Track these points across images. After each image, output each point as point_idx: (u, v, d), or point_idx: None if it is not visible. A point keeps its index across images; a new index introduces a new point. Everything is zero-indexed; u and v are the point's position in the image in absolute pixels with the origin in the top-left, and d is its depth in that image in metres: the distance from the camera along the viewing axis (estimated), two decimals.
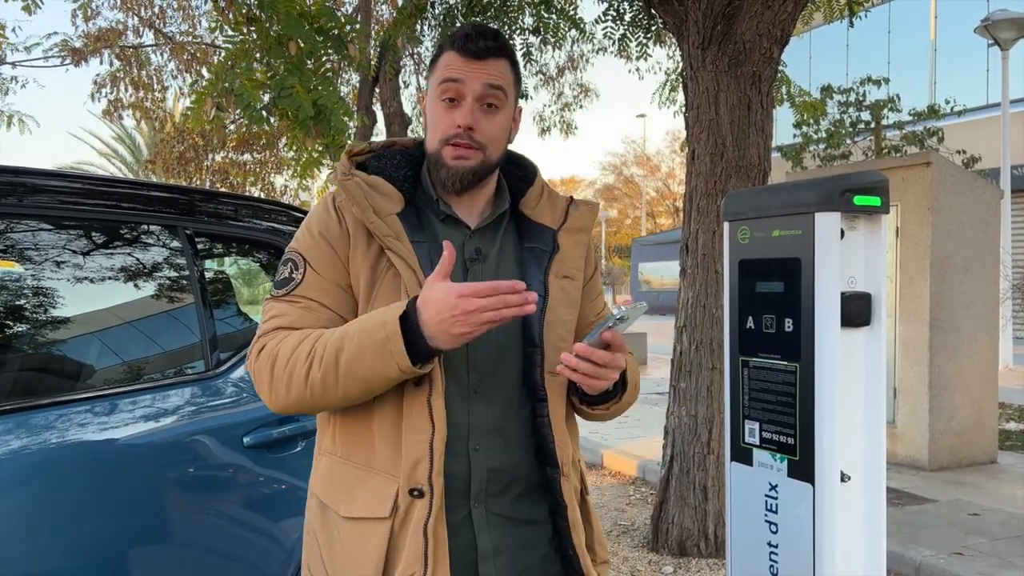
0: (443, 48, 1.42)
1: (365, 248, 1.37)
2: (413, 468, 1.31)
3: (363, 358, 1.26)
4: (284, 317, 1.37)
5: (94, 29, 9.43)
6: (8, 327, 1.99)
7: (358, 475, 1.37)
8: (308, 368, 1.29)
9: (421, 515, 1.30)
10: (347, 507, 1.36)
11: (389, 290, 1.35)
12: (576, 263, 1.49)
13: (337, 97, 4.42)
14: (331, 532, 1.39)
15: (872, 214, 2.04)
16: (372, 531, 1.33)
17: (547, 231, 1.48)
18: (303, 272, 1.38)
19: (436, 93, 1.40)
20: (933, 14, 19.27)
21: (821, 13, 7.45)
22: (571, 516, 1.43)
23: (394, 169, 1.45)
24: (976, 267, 5.89)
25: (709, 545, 4.00)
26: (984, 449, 5.96)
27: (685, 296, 4.11)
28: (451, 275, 1.33)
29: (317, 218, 1.41)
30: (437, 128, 1.40)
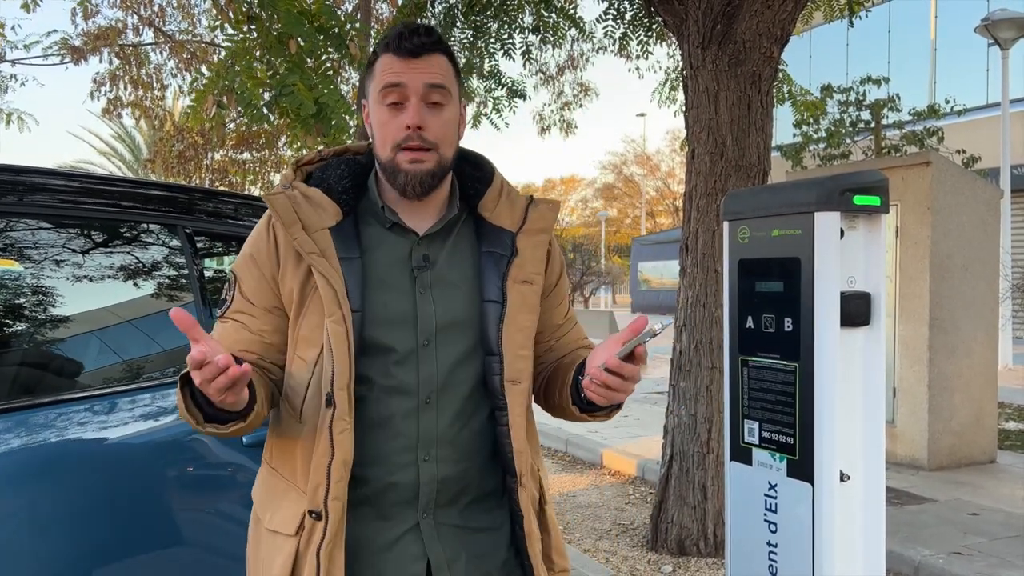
0: (377, 52, 1.38)
1: (295, 266, 1.35)
2: (315, 490, 1.30)
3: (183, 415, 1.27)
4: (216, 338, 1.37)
5: (94, 27, 9.43)
6: (8, 325, 1.99)
7: (283, 488, 1.38)
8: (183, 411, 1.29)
9: (317, 538, 1.30)
10: (269, 518, 1.38)
11: (317, 310, 1.33)
12: (536, 267, 1.44)
13: (338, 95, 4.41)
14: (256, 539, 1.42)
15: (872, 214, 2.05)
16: (282, 546, 1.34)
17: (505, 234, 1.43)
18: (233, 293, 1.40)
19: (378, 99, 1.36)
20: (933, 13, 19.26)
21: (821, 12, 7.45)
22: (527, 527, 1.41)
23: (335, 180, 1.41)
24: (976, 267, 5.89)
25: (708, 544, 4.00)
26: (983, 449, 5.96)
27: (685, 295, 4.11)
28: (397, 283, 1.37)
29: (252, 238, 1.41)
30: (386, 135, 1.35)
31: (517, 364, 1.38)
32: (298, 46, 4.23)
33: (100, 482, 1.90)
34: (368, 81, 1.40)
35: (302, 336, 1.35)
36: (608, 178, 43.20)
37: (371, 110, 1.39)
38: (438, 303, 1.38)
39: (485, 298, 1.40)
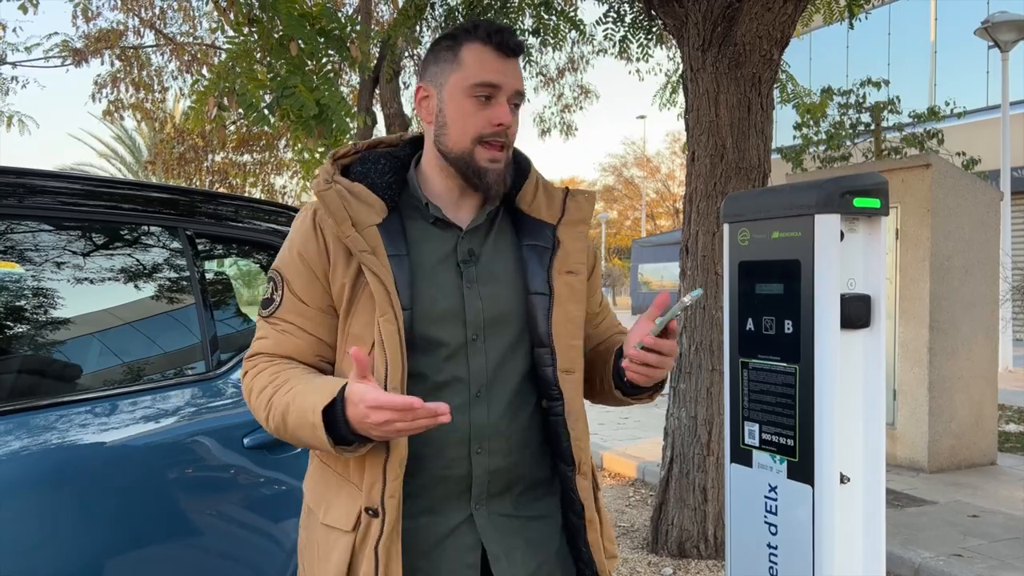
0: (462, 40, 1.36)
1: (345, 264, 1.35)
2: (371, 488, 1.31)
3: (301, 431, 1.27)
4: (265, 341, 1.39)
5: (95, 30, 9.44)
6: (8, 328, 1.99)
7: (337, 483, 1.38)
8: (266, 417, 1.33)
9: (375, 534, 1.30)
10: (324, 513, 1.38)
11: (367, 308, 1.33)
12: (579, 257, 1.44)
13: (340, 97, 4.42)
14: (311, 533, 1.42)
15: (872, 216, 2.05)
16: (339, 541, 1.34)
17: (546, 227, 1.44)
18: (282, 294, 1.38)
19: (467, 90, 1.34)
20: (933, 16, 19.27)
21: (821, 15, 7.45)
22: (588, 515, 1.43)
23: (378, 175, 1.39)
24: (976, 269, 5.89)
25: (709, 546, 4.00)
26: (983, 451, 5.96)
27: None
28: (445, 278, 1.37)
29: (299, 236, 1.39)
30: (469, 126, 1.34)
31: (570, 354, 1.40)
32: (299, 48, 4.24)
33: (100, 485, 1.90)
34: (445, 67, 1.37)
35: (353, 334, 1.35)
36: (608, 180, 43.23)
37: (447, 98, 1.36)
38: (484, 297, 1.39)
39: (531, 290, 1.41)
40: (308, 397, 1.26)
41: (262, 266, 2.72)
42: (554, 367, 1.39)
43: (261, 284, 6.00)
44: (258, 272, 2.88)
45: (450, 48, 1.37)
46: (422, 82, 1.41)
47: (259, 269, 2.79)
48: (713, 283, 3.99)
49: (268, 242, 2.51)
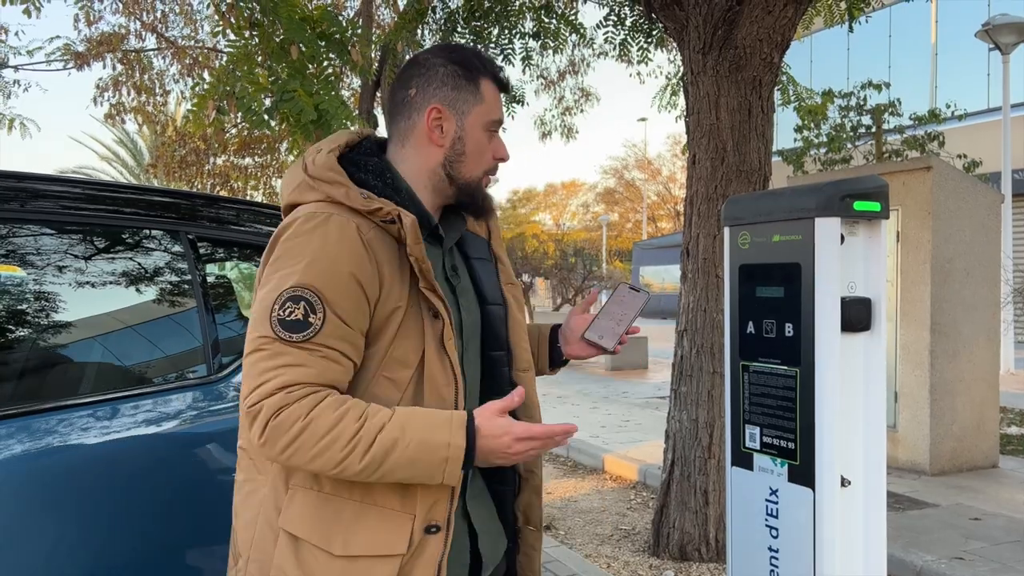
0: (478, 73, 1.41)
1: (400, 288, 1.30)
2: (431, 506, 1.29)
3: (415, 467, 1.23)
4: (302, 369, 1.23)
5: (96, 33, 9.46)
6: (11, 331, 2.00)
7: (354, 511, 1.29)
8: (346, 456, 1.21)
9: (435, 551, 1.29)
10: (344, 545, 1.28)
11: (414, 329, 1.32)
12: (510, 270, 1.59)
13: (339, 101, 4.42)
14: (313, 570, 1.28)
15: (872, 219, 2.05)
16: (377, 568, 1.27)
17: (481, 241, 1.54)
18: (323, 317, 1.24)
19: (485, 125, 1.42)
20: (934, 18, 19.29)
21: (821, 18, 7.46)
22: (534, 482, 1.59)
23: (394, 192, 1.36)
24: (977, 271, 5.89)
25: (710, 549, 4.00)
26: (985, 453, 5.95)
27: (686, 300, 4.12)
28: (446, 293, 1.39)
29: (346, 254, 1.26)
30: (482, 160, 1.43)
31: (524, 355, 1.52)
32: (299, 52, 4.24)
33: (101, 489, 1.91)
34: (465, 97, 1.40)
35: (396, 357, 1.30)
36: (609, 182, 43.24)
37: (469, 129, 1.41)
38: (467, 310, 1.45)
39: (490, 301, 1.49)
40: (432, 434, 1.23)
41: None
42: (510, 368, 1.50)
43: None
44: None
45: (467, 79, 1.40)
46: (437, 104, 1.39)
47: None
48: (714, 286, 3.99)
49: None
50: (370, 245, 1.28)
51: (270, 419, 1.21)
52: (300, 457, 1.22)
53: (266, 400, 1.21)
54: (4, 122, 8.67)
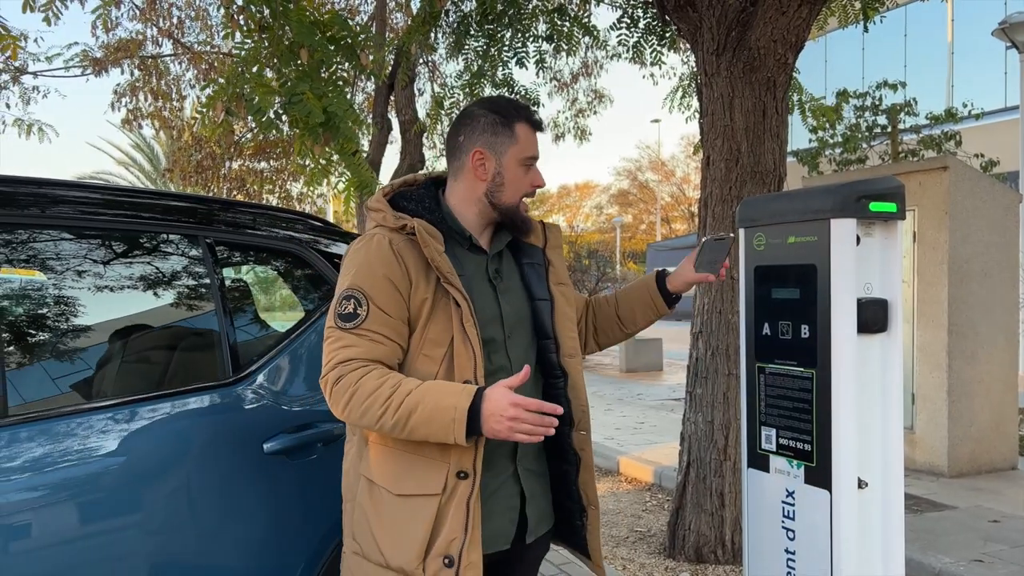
0: (515, 118, 1.79)
1: (426, 283, 1.68)
2: (461, 455, 1.63)
3: (430, 425, 1.57)
4: (355, 348, 1.64)
5: (114, 40, 9.54)
6: (31, 335, 2.02)
7: (410, 460, 1.68)
8: (382, 413, 1.59)
9: (464, 492, 1.64)
10: (399, 486, 1.67)
11: (444, 316, 1.68)
12: (564, 273, 1.92)
13: (347, 104, 4.42)
14: (380, 506, 1.69)
15: (888, 220, 2.04)
16: (423, 505, 1.64)
17: (536, 250, 1.90)
18: (367, 309, 1.65)
19: (521, 161, 1.79)
20: (950, 17, 19.14)
21: (836, 18, 7.42)
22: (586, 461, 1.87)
23: (428, 212, 1.78)
24: (995, 271, 5.84)
25: (726, 552, 3.99)
26: (1004, 455, 5.90)
27: (701, 302, 4.11)
28: (486, 291, 1.77)
29: (379, 261, 1.68)
30: (520, 188, 1.81)
31: (571, 343, 1.86)
32: (309, 56, 4.25)
33: (120, 490, 1.93)
34: (502, 140, 1.79)
35: (430, 338, 1.68)
36: (623, 184, 43.16)
37: (507, 166, 1.79)
38: (510, 304, 1.81)
39: (536, 297, 1.85)
40: (443, 398, 1.57)
41: (280, 273, 2.74)
42: (558, 353, 1.84)
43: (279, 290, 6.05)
44: (275, 279, 2.90)
45: (504, 124, 1.79)
46: (479, 147, 1.79)
47: (276, 276, 2.81)
48: (729, 288, 3.98)
49: (286, 249, 2.54)
50: (400, 253, 1.68)
51: (333, 386, 1.63)
52: (353, 414, 1.62)
53: (330, 372, 1.64)
54: (24, 128, 8.75)
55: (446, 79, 10.32)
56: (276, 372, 2.31)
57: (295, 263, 2.59)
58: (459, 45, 6.52)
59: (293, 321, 2.48)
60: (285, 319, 3.44)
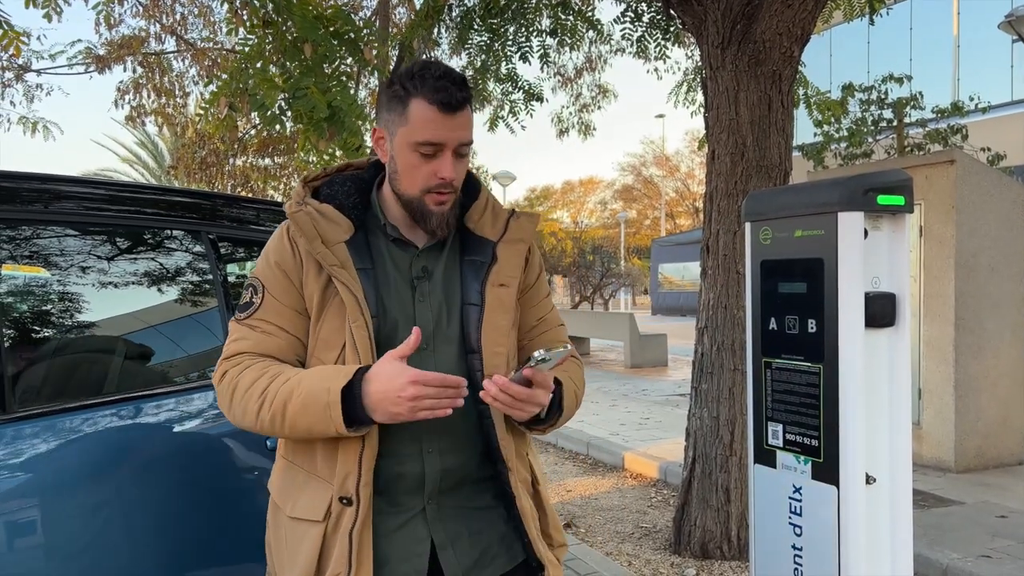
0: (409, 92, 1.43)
1: (316, 274, 1.47)
2: (344, 479, 1.42)
3: (306, 414, 1.37)
4: (244, 341, 1.48)
5: (117, 37, 9.54)
6: (35, 332, 2.02)
7: (304, 478, 1.49)
8: (259, 407, 1.40)
9: (348, 522, 1.41)
10: (292, 507, 1.49)
11: (336, 314, 1.46)
12: (512, 271, 1.55)
13: (351, 99, 4.42)
14: (278, 529, 1.52)
15: (896, 213, 2.02)
16: (308, 532, 1.44)
17: (487, 243, 1.56)
18: (261, 297, 1.49)
19: (410, 146, 1.45)
20: (955, 10, 19.05)
21: (841, 11, 7.38)
22: (520, 504, 1.52)
23: (344, 196, 1.54)
24: (1002, 266, 5.81)
25: (732, 547, 3.98)
26: (1011, 450, 5.87)
27: (706, 297, 4.09)
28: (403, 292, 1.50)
29: (274, 248, 1.52)
30: (416, 179, 1.47)
31: (494, 360, 1.50)
32: (313, 51, 4.24)
33: (124, 487, 1.92)
34: (395, 118, 1.47)
35: (321, 339, 1.47)
36: (627, 179, 43.10)
37: (397, 149, 1.47)
38: (433, 310, 1.51)
39: (466, 301, 1.53)
40: (318, 382, 1.37)
41: None
42: (481, 372, 1.49)
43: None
44: None
45: (400, 99, 1.45)
46: (377, 124, 1.52)
47: None
48: (735, 282, 3.96)
49: None
50: (295, 241, 1.50)
51: (219, 384, 1.47)
52: (236, 413, 1.45)
53: (218, 370, 1.49)
54: (27, 125, 8.76)
55: None
56: None
57: None
58: (462, 40, 6.50)
59: None
60: None
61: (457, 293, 1.54)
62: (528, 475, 1.58)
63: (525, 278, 1.61)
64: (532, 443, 1.66)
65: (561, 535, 1.63)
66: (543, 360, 1.35)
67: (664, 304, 30.04)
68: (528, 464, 1.59)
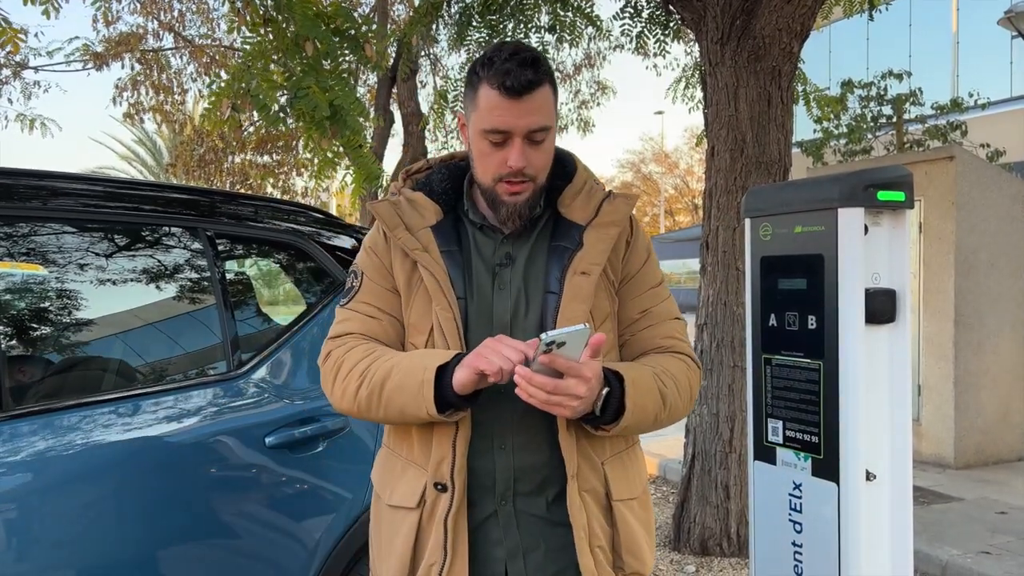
0: (480, 77, 1.37)
1: (402, 260, 1.48)
2: (439, 464, 1.39)
3: (402, 393, 1.34)
4: (348, 323, 1.49)
5: (115, 34, 9.53)
6: (33, 329, 2.01)
7: (402, 466, 1.47)
8: (359, 386, 1.39)
9: (443, 508, 1.38)
10: (390, 495, 1.48)
11: (422, 299, 1.44)
12: (595, 258, 1.44)
13: (353, 97, 4.41)
14: (378, 516, 1.52)
15: (896, 209, 2.02)
16: (405, 519, 1.42)
17: (575, 228, 1.46)
18: (360, 281, 1.51)
19: (480, 134, 1.39)
20: (955, 6, 19.02)
21: (841, 7, 7.37)
22: (573, 518, 1.39)
23: (437, 183, 1.54)
24: (1001, 262, 5.81)
25: (732, 544, 3.98)
26: (1011, 446, 5.88)
27: (706, 294, 4.08)
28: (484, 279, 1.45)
29: (370, 237, 1.56)
30: (488, 167, 1.41)
31: None
32: (315, 48, 4.23)
33: (122, 485, 1.92)
34: (468, 104, 1.42)
35: (411, 324, 1.47)
36: (626, 176, 43.06)
37: (472, 135, 1.42)
38: (512, 298, 1.44)
39: (547, 290, 1.43)
40: (417, 360, 1.35)
41: (282, 266, 2.72)
42: None
43: (282, 284, 6.06)
44: (278, 272, 2.89)
45: (472, 85, 1.40)
46: (461, 111, 1.51)
47: (279, 269, 2.80)
48: (734, 279, 3.96)
49: (288, 242, 2.52)
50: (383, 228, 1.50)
51: (323, 365, 1.47)
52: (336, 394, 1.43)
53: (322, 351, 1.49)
54: (25, 122, 8.74)
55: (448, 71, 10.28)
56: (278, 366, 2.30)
57: (298, 256, 2.58)
58: (461, 37, 6.48)
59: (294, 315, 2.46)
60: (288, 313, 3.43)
61: (540, 280, 1.45)
62: (601, 487, 1.43)
63: (625, 266, 1.51)
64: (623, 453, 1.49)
65: (637, 561, 1.45)
66: (553, 343, 1.21)
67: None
68: (603, 475, 1.43)
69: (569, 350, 1.24)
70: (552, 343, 1.21)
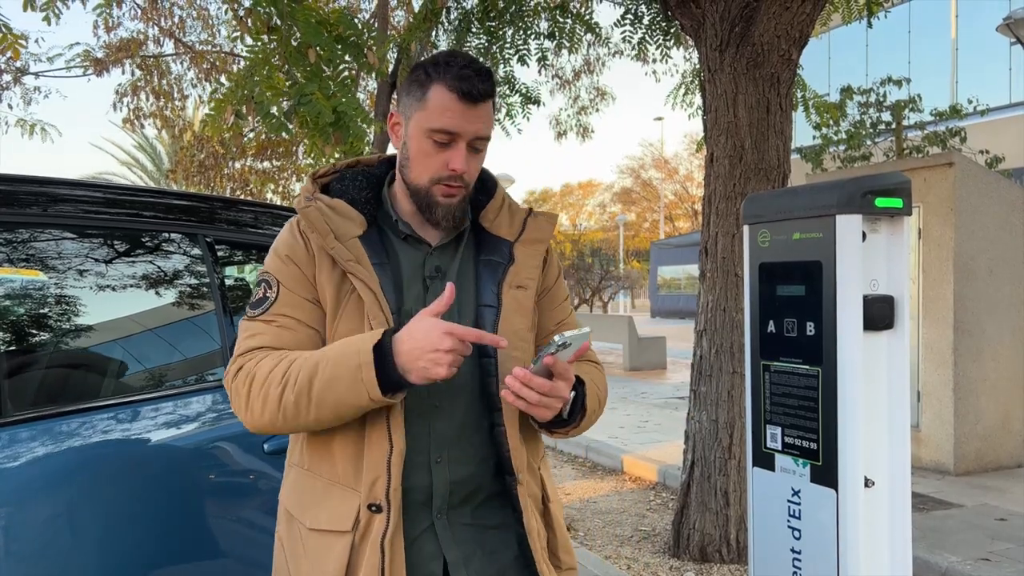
0: (432, 78, 1.38)
1: (329, 270, 1.40)
2: (372, 484, 1.34)
3: (336, 384, 1.28)
4: (261, 336, 1.39)
5: (115, 40, 9.54)
6: (32, 335, 2.01)
7: (323, 487, 1.40)
8: (281, 390, 1.30)
9: (379, 530, 1.33)
10: (312, 519, 1.39)
11: (353, 312, 1.38)
12: (530, 273, 1.49)
13: (356, 103, 4.43)
14: (296, 543, 1.42)
15: (894, 216, 2.02)
16: (335, 543, 1.35)
17: (504, 243, 1.50)
18: (276, 291, 1.41)
19: (425, 132, 1.39)
20: (954, 13, 19.07)
21: (839, 14, 7.38)
22: (526, 522, 1.43)
23: (356, 191, 1.48)
24: (1001, 268, 5.81)
25: (731, 551, 3.97)
26: (1011, 453, 5.87)
27: (705, 300, 4.09)
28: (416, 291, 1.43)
29: (284, 243, 1.45)
30: (427, 167, 1.41)
31: (508, 364, 1.39)
32: (317, 55, 4.25)
33: (121, 490, 1.92)
34: (413, 102, 1.41)
35: (339, 337, 1.38)
36: (626, 182, 43.13)
37: (411, 135, 1.41)
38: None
39: (481, 303, 1.45)
40: (346, 347, 1.29)
41: None
42: (496, 378, 1.40)
43: None
44: None
45: (420, 84, 1.40)
46: (395, 109, 1.46)
47: None
48: (733, 285, 3.96)
49: None
50: (304, 233, 1.43)
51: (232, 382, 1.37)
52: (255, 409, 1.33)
53: (230, 368, 1.39)
54: (26, 128, 8.75)
55: None
56: None
57: None
58: (460, 43, 6.50)
59: None
60: None
61: (471, 294, 1.46)
62: (539, 491, 1.49)
63: (544, 280, 1.55)
64: (546, 457, 1.57)
65: (572, 558, 1.53)
66: (563, 345, 1.24)
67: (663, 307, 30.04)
68: (540, 479, 1.50)
69: (567, 353, 1.28)
70: (564, 344, 1.25)
